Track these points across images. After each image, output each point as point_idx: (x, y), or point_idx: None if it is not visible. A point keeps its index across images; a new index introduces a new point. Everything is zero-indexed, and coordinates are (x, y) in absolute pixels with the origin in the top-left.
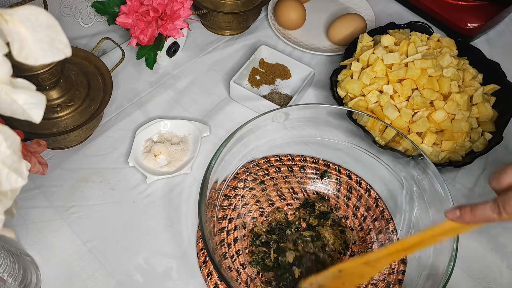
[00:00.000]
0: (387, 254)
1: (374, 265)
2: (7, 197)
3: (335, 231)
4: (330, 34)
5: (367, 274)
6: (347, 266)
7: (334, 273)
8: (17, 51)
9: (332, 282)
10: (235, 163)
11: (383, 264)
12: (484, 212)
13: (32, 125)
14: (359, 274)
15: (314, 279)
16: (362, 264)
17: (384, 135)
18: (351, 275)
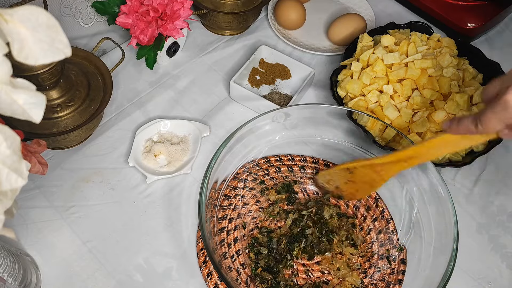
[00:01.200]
0: (391, 161)
1: (380, 172)
2: (7, 197)
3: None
4: (330, 34)
5: (376, 183)
6: (354, 166)
7: (344, 172)
8: (17, 51)
9: (347, 186)
10: (235, 163)
11: (388, 173)
12: (466, 124)
13: (32, 125)
14: (369, 182)
15: (328, 173)
16: (368, 168)
17: (384, 135)
18: (362, 183)
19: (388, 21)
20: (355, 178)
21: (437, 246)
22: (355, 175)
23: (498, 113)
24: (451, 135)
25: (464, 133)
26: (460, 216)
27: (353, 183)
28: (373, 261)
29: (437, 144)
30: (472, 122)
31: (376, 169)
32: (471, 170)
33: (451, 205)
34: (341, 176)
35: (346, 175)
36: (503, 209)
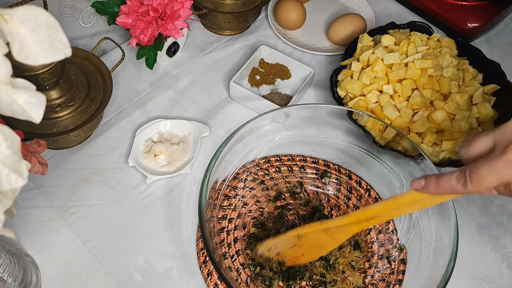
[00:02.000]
0: (348, 223)
1: (334, 235)
2: (7, 197)
3: None
4: (330, 34)
5: (327, 246)
6: (306, 231)
7: (292, 239)
8: (17, 51)
9: (290, 251)
10: (235, 163)
11: (344, 236)
12: (450, 183)
13: (32, 125)
14: (319, 244)
15: (272, 242)
16: (321, 233)
17: (384, 135)
18: (311, 246)
19: (388, 21)
20: (302, 243)
21: (437, 246)
22: (303, 240)
23: (498, 171)
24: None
25: (446, 193)
26: (460, 216)
27: (300, 247)
28: (373, 261)
29: (404, 203)
30: (459, 180)
31: (331, 232)
32: None
33: (451, 205)
34: (286, 242)
35: (293, 240)
36: (503, 209)
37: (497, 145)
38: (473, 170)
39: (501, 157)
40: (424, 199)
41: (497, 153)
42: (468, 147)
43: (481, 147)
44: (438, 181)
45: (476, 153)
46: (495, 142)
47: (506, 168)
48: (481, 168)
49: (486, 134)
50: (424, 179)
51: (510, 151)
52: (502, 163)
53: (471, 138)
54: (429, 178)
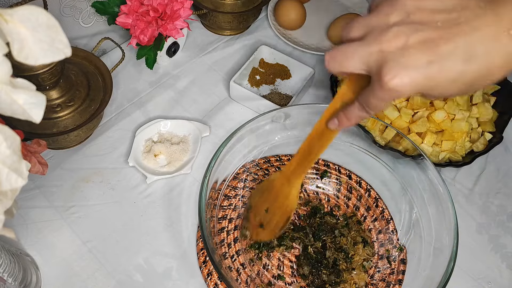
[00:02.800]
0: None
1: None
2: (7, 197)
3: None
4: (330, 34)
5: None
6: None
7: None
8: (17, 51)
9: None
10: (235, 163)
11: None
12: (356, 113)
13: (32, 125)
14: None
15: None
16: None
17: (384, 135)
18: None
19: None
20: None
21: (437, 246)
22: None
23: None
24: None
25: (357, 122)
26: (460, 216)
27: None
28: (373, 261)
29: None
30: (361, 110)
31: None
32: (471, 170)
33: (451, 205)
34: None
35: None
36: (503, 209)
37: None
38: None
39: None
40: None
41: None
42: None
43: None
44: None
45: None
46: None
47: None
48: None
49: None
50: (336, 119)
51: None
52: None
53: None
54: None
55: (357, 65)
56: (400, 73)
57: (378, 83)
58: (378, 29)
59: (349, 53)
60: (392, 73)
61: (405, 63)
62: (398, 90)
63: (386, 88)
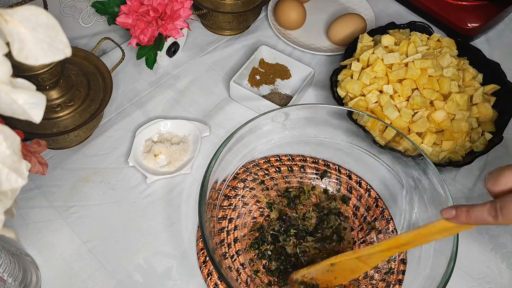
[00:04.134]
0: (380, 251)
1: (366, 261)
2: (7, 197)
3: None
4: (330, 34)
5: (359, 269)
6: (339, 260)
7: (325, 266)
8: (17, 51)
9: (323, 276)
10: (235, 163)
11: (376, 261)
12: (481, 215)
13: (32, 125)
14: (351, 269)
15: (306, 271)
16: (354, 259)
17: (384, 135)
18: (343, 270)
19: (388, 21)
20: (335, 269)
21: (437, 246)
22: (336, 266)
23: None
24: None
25: (477, 224)
26: None
27: (332, 272)
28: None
29: (435, 231)
30: (490, 213)
31: (363, 258)
32: (471, 170)
33: (451, 204)
34: (320, 270)
35: (327, 267)
36: None
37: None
38: (504, 205)
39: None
40: (453, 228)
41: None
42: (495, 181)
43: (509, 183)
44: (469, 213)
45: (503, 187)
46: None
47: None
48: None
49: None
50: (454, 210)
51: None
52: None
53: (498, 172)
54: (460, 209)
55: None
56: None
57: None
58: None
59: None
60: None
61: None
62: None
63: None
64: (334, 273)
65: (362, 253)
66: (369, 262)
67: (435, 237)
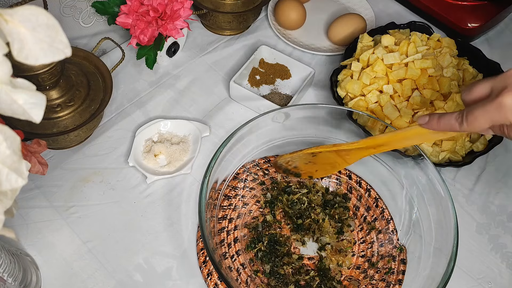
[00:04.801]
0: (358, 148)
1: (345, 157)
2: (7, 197)
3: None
4: (330, 34)
5: (338, 165)
6: (320, 151)
7: (308, 157)
8: (17, 51)
9: (306, 166)
10: (235, 163)
11: (353, 158)
12: (449, 121)
13: (32, 125)
14: (331, 163)
15: (289, 156)
16: (333, 153)
17: None
18: (323, 164)
19: (388, 21)
20: (316, 161)
21: (437, 246)
22: (317, 158)
23: (489, 112)
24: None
25: (444, 130)
26: (460, 216)
27: (314, 164)
28: (373, 261)
29: (411, 135)
30: (457, 119)
31: (342, 153)
32: (471, 170)
33: (451, 205)
34: (302, 158)
35: (308, 157)
36: (503, 209)
37: (493, 91)
38: (469, 111)
39: (494, 100)
40: (426, 133)
41: (491, 97)
42: (469, 92)
43: (479, 92)
44: (439, 119)
45: (475, 97)
46: (492, 88)
47: (497, 111)
48: (476, 110)
49: (486, 80)
50: (428, 116)
51: (502, 95)
52: (494, 106)
53: (472, 84)
54: (432, 116)
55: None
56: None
57: (493, 97)
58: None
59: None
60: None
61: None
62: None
63: (498, 100)
64: (316, 166)
65: (341, 147)
66: (347, 159)
67: (409, 142)
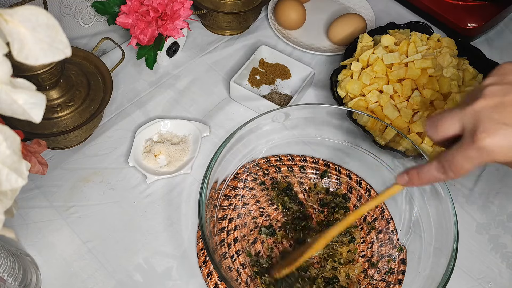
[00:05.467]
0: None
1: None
2: (7, 197)
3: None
4: (330, 34)
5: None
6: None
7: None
8: (17, 51)
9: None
10: (235, 163)
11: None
12: (432, 174)
13: (32, 125)
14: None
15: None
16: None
17: (384, 135)
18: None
19: (388, 21)
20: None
21: (437, 246)
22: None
23: (472, 158)
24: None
25: (429, 183)
26: (460, 216)
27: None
28: (373, 261)
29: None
30: (439, 170)
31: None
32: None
33: (451, 205)
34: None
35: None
36: (503, 209)
37: (465, 130)
38: (450, 160)
39: (472, 145)
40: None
41: (467, 140)
42: (436, 130)
43: (448, 131)
44: (420, 175)
45: (444, 136)
46: (463, 126)
47: (480, 154)
48: (456, 158)
49: (451, 116)
50: (406, 175)
51: (478, 139)
52: (475, 151)
53: (437, 119)
54: (411, 173)
55: (453, 126)
56: (495, 131)
57: (470, 140)
58: (473, 93)
59: (446, 115)
60: (487, 130)
61: (501, 120)
62: (491, 148)
63: (477, 145)
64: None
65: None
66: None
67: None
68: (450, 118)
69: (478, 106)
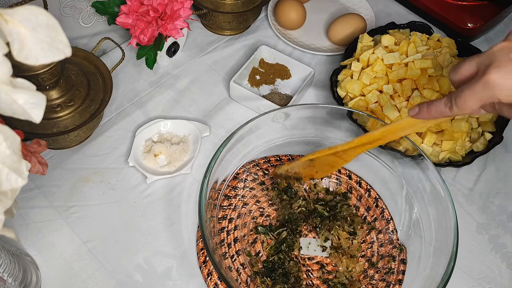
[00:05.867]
0: (354, 147)
1: (342, 156)
2: (7, 197)
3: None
4: (330, 34)
5: (337, 164)
6: (317, 156)
7: (306, 162)
8: (17, 51)
9: (305, 170)
10: (235, 163)
11: (351, 156)
12: (439, 108)
13: (32, 125)
14: (330, 164)
15: (288, 166)
16: (331, 154)
17: None
18: (323, 165)
19: (388, 21)
20: (315, 164)
21: (437, 246)
22: (315, 162)
23: (478, 92)
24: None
25: (437, 117)
26: (460, 216)
27: (313, 167)
28: (373, 261)
29: (403, 126)
30: (446, 104)
31: (339, 154)
32: (471, 170)
33: (451, 205)
34: (301, 164)
35: (307, 163)
36: (503, 209)
37: (480, 69)
38: (457, 95)
39: (481, 79)
40: (418, 123)
41: (478, 76)
42: (456, 72)
43: (467, 71)
44: (429, 107)
45: (463, 77)
46: (478, 65)
47: (485, 89)
48: (463, 92)
49: (471, 59)
50: (417, 107)
51: (488, 72)
52: (481, 85)
53: (458, 63)
54: (422, 105)
55: (470, 67)
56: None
57: (480, 77)
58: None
59: (467, 59)
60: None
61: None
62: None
63: (485, 79)
64: (315, 168)
65: (337, 149)
66: (345, 157)
67: (403, 133)
68: (469, 61)
69: (497, 47)
